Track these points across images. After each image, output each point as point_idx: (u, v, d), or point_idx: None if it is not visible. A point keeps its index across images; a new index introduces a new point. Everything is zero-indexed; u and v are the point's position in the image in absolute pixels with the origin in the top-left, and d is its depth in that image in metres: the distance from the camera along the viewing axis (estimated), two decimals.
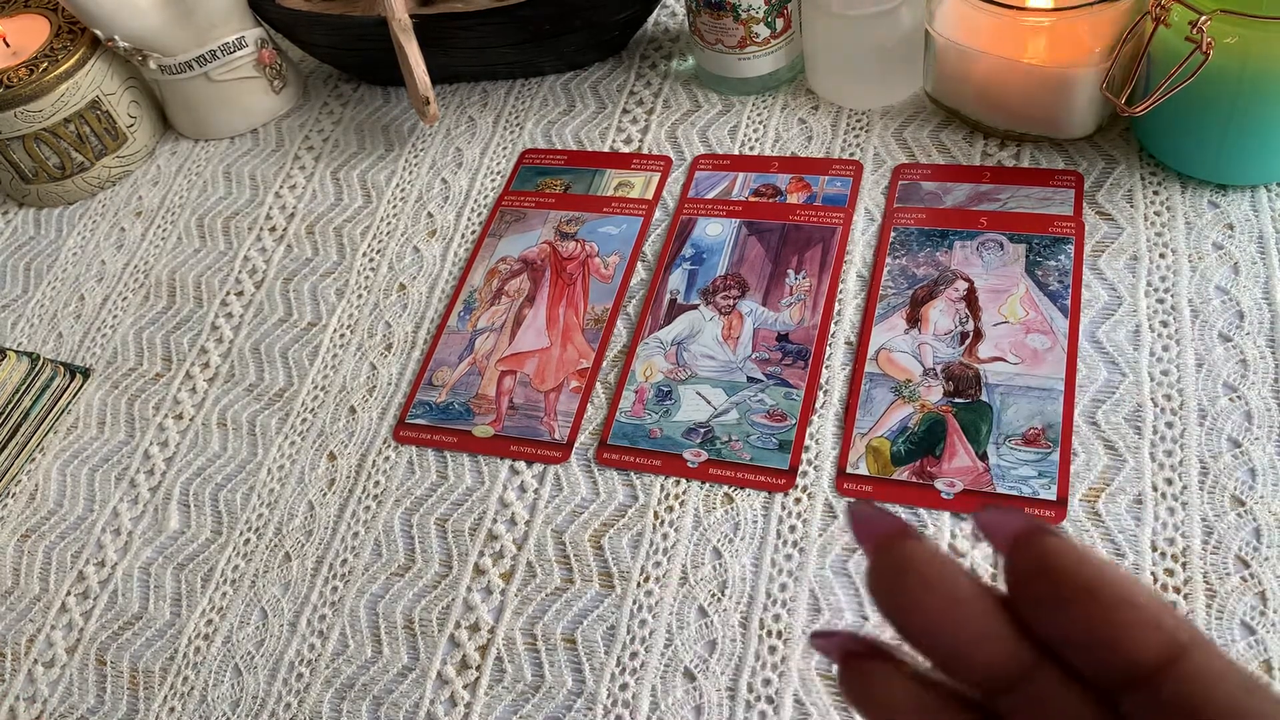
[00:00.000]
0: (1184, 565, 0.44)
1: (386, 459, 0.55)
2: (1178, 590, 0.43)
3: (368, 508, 0.53)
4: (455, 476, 0.53)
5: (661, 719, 0.44)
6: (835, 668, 0.18)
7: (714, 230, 0.60)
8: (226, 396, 0.59)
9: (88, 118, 0.70)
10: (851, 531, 0.17)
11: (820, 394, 0.52)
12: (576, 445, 0.53)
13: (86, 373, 0.62)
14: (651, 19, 0.72)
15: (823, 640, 0.19)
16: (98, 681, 0.50)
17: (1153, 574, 0.44)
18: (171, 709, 0.49)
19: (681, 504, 0.50)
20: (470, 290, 0.60)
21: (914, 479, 0.48)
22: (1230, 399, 0.48)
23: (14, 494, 0.58)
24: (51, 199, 0.73)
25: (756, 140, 0.64)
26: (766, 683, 0.44)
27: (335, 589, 0.51)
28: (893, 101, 0.63)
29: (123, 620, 0.52)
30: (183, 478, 0.57)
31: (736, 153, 0.63)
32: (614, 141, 0.66)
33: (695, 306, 0.56)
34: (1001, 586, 0.17)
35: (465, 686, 0.47)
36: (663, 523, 0.49)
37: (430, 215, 0.65)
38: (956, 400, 0.50)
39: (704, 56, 0.65)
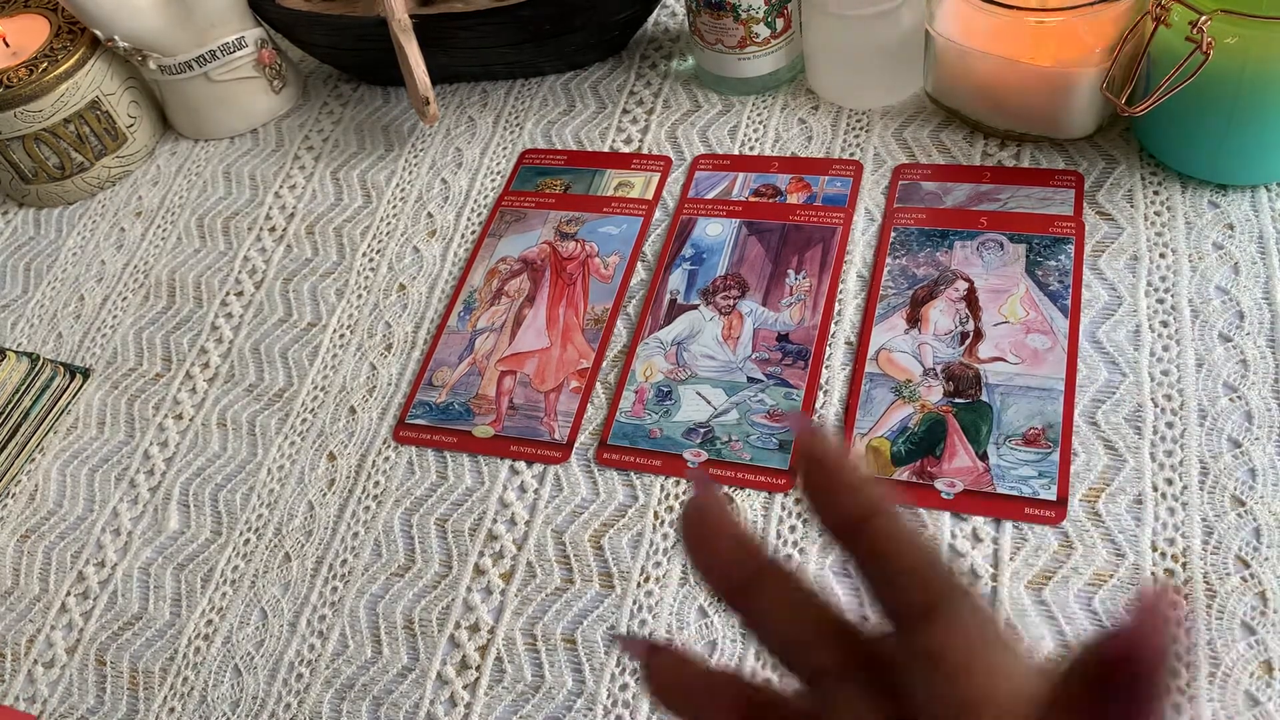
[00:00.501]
0: (1184, 565, 0.44)
1: (386, 459, 0.55)
2: (1178, 590, 0.43)
3: (368, 508, 0.53)
4: (455, 477, 0.53)
5: (662, 719, 0.44)
6: (639, 664, 0.23)
7: (714, 230, 0.60)
8: (226, 397, 0.59)
9: (87, 118, 0.70)
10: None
11: (820, 394, 0.52)
12: (576, 445, 0.53)
13: (86, 373, 0.62)
14: (651, 19, 0.72)
15: (629, 642, 0.25)
16: (98, 682, 0.50)
17: (1153, 574, 0.44)
18: (171, 709, 0.49)
19: (682, 504, 0.50)
20: (470, 290, 0.60)
21: (914, 479, 0.48)
22: (1230, 399, 0.48)
23: (14, 494, 0.58)
24: (51, 199, 0.73)
25: (756, 140, 0.64)
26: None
27: (335, 589, 0.51)
28: (893, 101, 0.63)
29: (123, 620, 0.52)
30: (183, 478, 0.57)
31: (736, 153, 0.63)
32: (614, 141, 0.66)
33: (695, 306, 0.56)
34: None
35: (465, 687, 0.47)
36: (663, 523, 0.49)
37: (430, 215, 0.65)
38: (957, 400, 0.50)
39: (704, 56, 0.65)
